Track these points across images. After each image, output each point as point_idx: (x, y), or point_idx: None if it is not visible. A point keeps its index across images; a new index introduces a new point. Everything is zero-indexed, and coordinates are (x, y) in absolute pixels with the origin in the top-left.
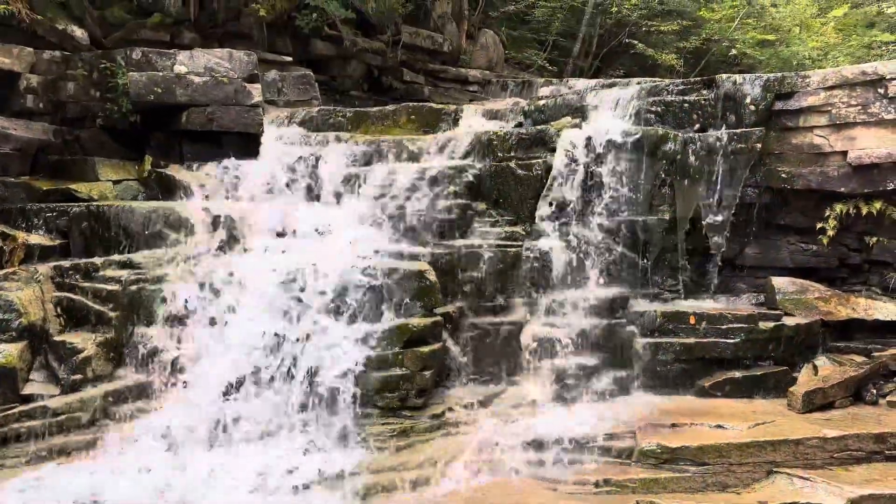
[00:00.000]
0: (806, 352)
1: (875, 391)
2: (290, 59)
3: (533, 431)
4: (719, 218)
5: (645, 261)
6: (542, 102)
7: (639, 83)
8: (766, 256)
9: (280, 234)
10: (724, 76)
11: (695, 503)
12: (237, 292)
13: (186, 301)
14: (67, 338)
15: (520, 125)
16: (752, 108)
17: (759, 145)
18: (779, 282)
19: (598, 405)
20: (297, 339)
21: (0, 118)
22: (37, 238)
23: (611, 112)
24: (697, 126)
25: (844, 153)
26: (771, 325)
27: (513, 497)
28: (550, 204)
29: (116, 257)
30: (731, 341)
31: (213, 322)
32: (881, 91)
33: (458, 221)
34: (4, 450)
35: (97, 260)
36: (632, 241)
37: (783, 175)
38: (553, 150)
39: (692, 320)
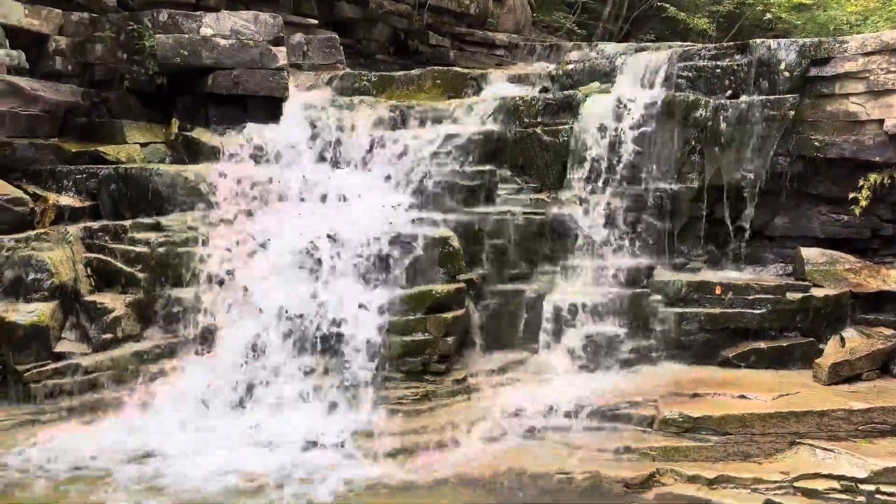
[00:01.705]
0: (834, 323)
1: None
2: (315, 21)
3: (554, 398)
4: (749, 187)
5: (671, 230)
6: (570, 67)
7: (670, 48)
8: (795, 226)
9: (304, 199)
10: (758, 41)
11: (715, 472)
12: (262, 256)
13: (212, 264)
14: (98, 298)
15: (546, 90)
16: (787, 74)
17: (792, 112)
18: (808, 252)
19: (620, 374)
20: (321, 304)
21: (30, 80)
22: (67, 199)
23: (641, 77)
24: (729, 92)
25: (881, 121)
26: (799, 296)
27: (533, 462)
28: (576, 171)
29: (144, 219)
30: (758, 312)
31: (237, 285)
32: None
33: (483, 188)
34: (39, 405)
35: (126, 222)
36: (658, 210)
37: (816, 143)
38: (580, 116)
39: (718, 290)
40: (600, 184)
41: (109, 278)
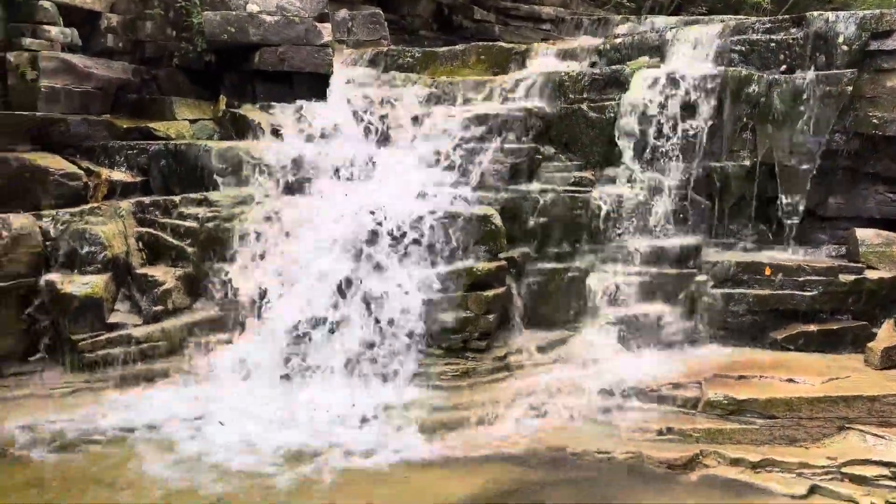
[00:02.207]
0: (889, 307)
1: None
2: None
3: (595, 378)
4: (803, 165)
5: (721, 209)
6: (618, 41)
7: (722, 21)
8: (850, 206)
9: (347, 176)
10: (815, 13)
11: (760, 455)
12: (307, 232)
13: (259, 239)
14: (149, 271)
15: (593, 65)
16: (845, 48)
17: (849, 88)
18: (863, 233)
19: (663, 354)
20: (364, 280)
21: (83, 57)
22: (119, 174)
23: (691, 51)
24: (784, 67)
25: None
26: (852, 278)
27: (573, 440)
28: (623, 148)
29: (193, 195)
30: (808, 294)
31: (284, 260)
32: None
33: (526, 165)
34: (93, 374)
35: (175, 197)
36: (707, 188)
37: (875, 120)
38: (628, 92)
39: (767, 271)
40: (647, 161)
41: (160, 252)
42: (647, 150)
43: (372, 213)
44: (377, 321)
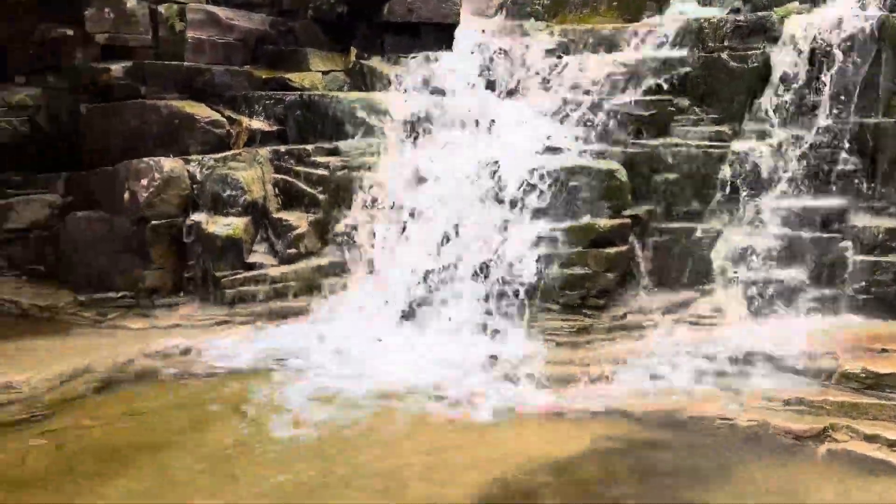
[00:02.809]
0: None
1: None
2: None
3: (720, 343)
4: None
5: (873, 169)
6: None
7: None
8: None
9: (471, 129)
10: None
11: None
12: (430, 184)
13: (383, 189)
14: (284, 216)
15: (737, 11)
16: None
17: None
18: None
19: (797, 323)
20: (484, 232)
21: (225, 9)
22: (258, 123)
23: None
24: None
25: None
26: None
27: (691, 404)
28: (766, 101)
29: (325, 144)
30: None
31: (406, 211)
32: None
33: (658, 119)
34: (233, 308)
35: (309, 146)
36: (859, 147)
37: None
38: (775, 40)
39: None
40: (792, 115)
41: (293, 198)
42: (793, 104)
43: (493, 165)
44: (494, 274)
